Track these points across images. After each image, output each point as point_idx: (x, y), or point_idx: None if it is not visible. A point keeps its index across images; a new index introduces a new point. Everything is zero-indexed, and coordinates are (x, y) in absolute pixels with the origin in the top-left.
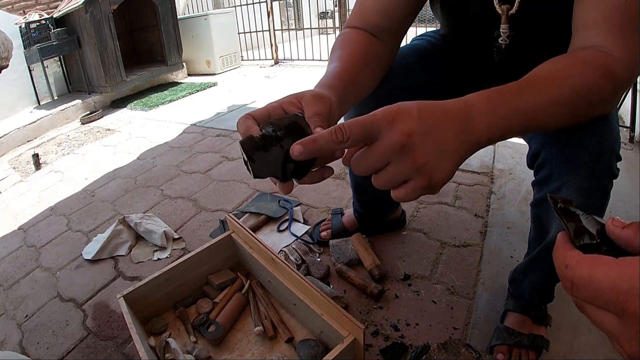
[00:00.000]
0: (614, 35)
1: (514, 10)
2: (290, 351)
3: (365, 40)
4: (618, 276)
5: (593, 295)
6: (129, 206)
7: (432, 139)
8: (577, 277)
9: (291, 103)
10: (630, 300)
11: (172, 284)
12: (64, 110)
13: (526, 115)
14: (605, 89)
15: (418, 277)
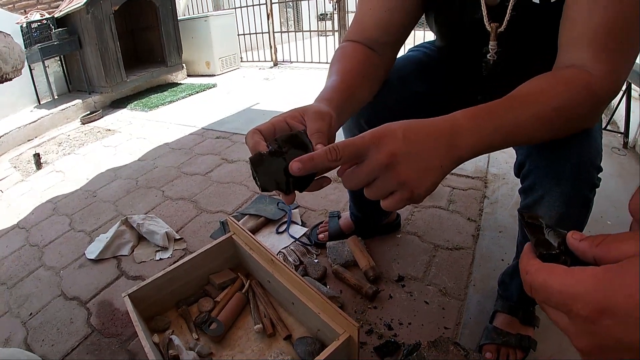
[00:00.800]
0: (596, 55)
1: (502, 28)
2: (288, 348)
3: (363, 54)
4: (567, 282)
5: (547, 298)
6: (131, 207)
7: (415, 158)
8: (535, 282)
9: (294, 117)
10: (575, 303)
11: (175, 283)
12: (65, 110)
13: (509, 132)
14: (586, 107)
15: (411, 279)
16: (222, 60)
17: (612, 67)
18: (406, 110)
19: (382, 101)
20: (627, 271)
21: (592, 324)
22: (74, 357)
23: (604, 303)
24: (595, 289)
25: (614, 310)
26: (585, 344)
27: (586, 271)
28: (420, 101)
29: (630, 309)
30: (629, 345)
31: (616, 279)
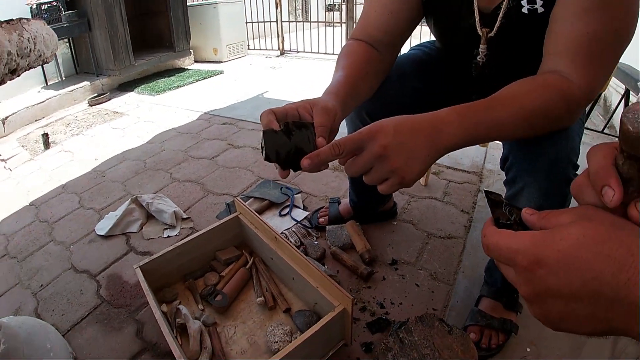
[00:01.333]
0: (576, 63)
1: (492, 33)
2: (287, 320)
3: (366, 52)
4: (512, 241)
5: (498, 255)
6: (139, 187)
7: (404, 148)
8: (489, 243)
9: (304, 108)
10: (517, 256)
11: (183, 257)
12: (72, 92)
13: (489, 128)
14: (562, 109)
15: (404, 263)
16: (230, 47)
17: (588, 76)
18: (405, 105)
19: (383, 96)
20: (557, 232)
21: (530, 272)
22: (84, 325)
23: (539, 255)
24: (533, 245)
25: (546, 261)
26: (526, 291)
27: (527, 233)
28: (418, 97)
29: (558, 261)
30: (559, 293)
31: (548, 238)
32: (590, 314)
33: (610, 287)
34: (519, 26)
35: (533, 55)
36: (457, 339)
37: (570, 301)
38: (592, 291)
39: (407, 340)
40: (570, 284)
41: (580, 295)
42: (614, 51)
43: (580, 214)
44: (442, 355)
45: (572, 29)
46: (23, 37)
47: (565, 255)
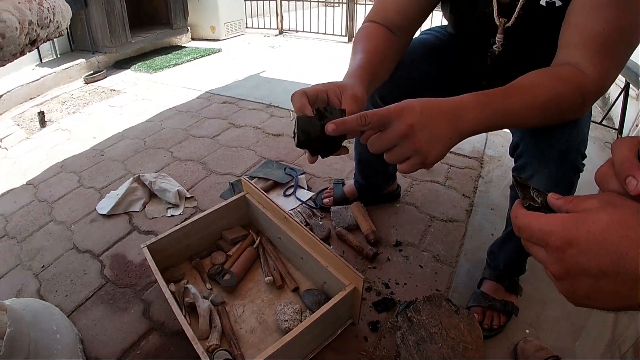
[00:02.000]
0: (590, 57)
1: (510, 23)
2: (296, 299)
3: (385, 35)
4: (544, 223)
5: (530, 235)
6: (140, 166)
7: (428, 129)
8: (521, 223)
9: (334, 92)
10: (550, 237)
11: (190, 237)
12: (68, 69)
13: (505, 115)
14: (575, 101)
15: (408, 244)
16: (228, 26)
17: (602, 70)
18: (415, 89)
19: (395, 79)
20: (588, 216)
21: (562, 252)
22: (89, 306)
23: (570, 236)
24: (564, 227)
25: (577, 242)
26: (557, 270)
27: (558, 216)
28: (429, 81)
29: (590, 241)
30: (588, 271)
31: (580, 221)
32: (615, 291)
33: (635, 267)
34: (536, 18)
35: (549, 47)
36: (463, 319)
37: (598, 279)
38: (619, 270)
39: (416, 319)
40: (600, 264)
41: (607, 273)
42: (627, 46)
43: (606, 200)
44: (449, 334)
45: (588, 23)
46: (43, 6)
47: (595, 237)
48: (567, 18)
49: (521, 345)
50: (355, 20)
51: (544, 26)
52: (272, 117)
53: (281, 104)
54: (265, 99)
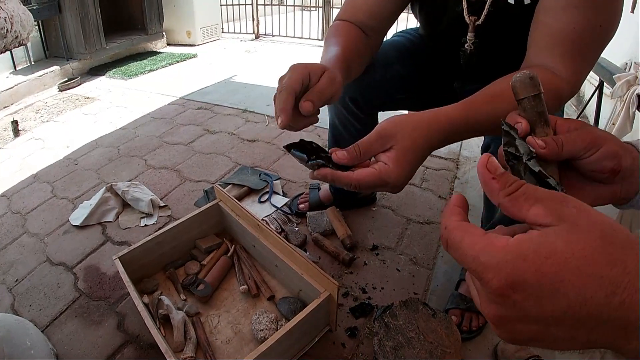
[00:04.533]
0: (562, 58)
1: (480, 21)
2: (272, 307)
3: (357, 32)
4: (480, 250)
5: (461, 260)
6: (114, 175)
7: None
8: (451, 239)
9: (316, 74)
10: (486, 273)
11: (163, 247)
12: (42, 77)
13: (474, 127)
14: (553, 105)
15: (385, 248)
16: (203, 30)
17: (576, 71)
18: (388, 90)
19: (366, 81)
20: (539, 248)
21: (501, 296)
22: (63, 320)
23: (514, 276)
24: (506, 262)
25: (524, 285)
26: (493, 313)
27: (501, 240)
28: (401, 83)
29: (542, 286)
30: (536, 317)
31: (529, 256)
32: (570, 337)
33: (600, 310)
34: (506, 16)
35: (521, 45)
36: (440, 322)
37: (550, 326)
38: (579, 316)
39: (392, 325)
40: (553, 310)
41: (562, 320)
42: (599, 45)
43: (558, 213)
44: (427, 338)
45: (557, 23)
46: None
47: (550, 278)
48: (536, 17)
49: (501, 346)
50: (331, 24)
51: (514, 24)
52: (248, 122)
53: (257, 109)
54: (240, 104)
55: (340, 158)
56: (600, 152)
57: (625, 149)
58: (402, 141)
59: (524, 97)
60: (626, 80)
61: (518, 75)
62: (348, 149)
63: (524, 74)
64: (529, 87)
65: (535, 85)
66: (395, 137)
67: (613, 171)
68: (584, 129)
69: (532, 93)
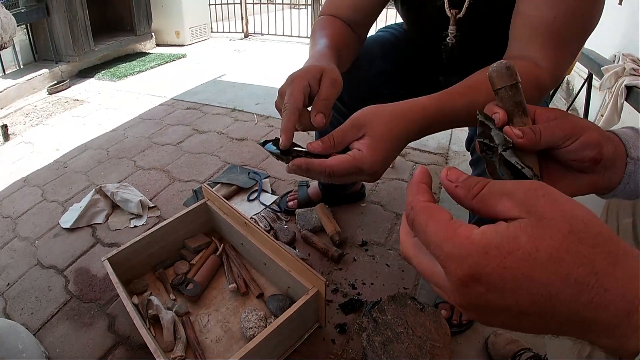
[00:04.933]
0: (543, 48)
1: (461, 14)
2: (261, 305)
3: (343, 25)
4: (444, 239)
5: (424, 243)
6: (103, 177)
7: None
8: (416, 221)
9: (315, 79)
10: (450, 263)
11: (152, 247)
12: (31, 80)
13: (451, 118)
14: (533, 95)
15: (374, 244)
16: (192, 30)
17: (557, 61)
18: (372, 86)
19: (351, 77)
20: (503, 243)
21: (464, 286)
22: (54, 323)
23: (476, 269)
24: (468, 254)
25: (487, 278)
26: (459, 302)
27: (465, 230)
28: (385, 78)
29: (504, 280)
30: (502, 308)
31: (492, 249)
32: (541, 326)
33: (567, 308)
34: (487, 8)
35: (503, 37)
36: (429, 316)
37: (517, 316)
38: (545, 311)
39: (381, 320)
40: (518, 304)
41: (529, 313)
42: (580, 35)
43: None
44: (416, 332)
45: (539, 13)
46: None
47: (513, 272)
48: (517, 8)
49: (492, 339)
50: (317, 18)
51: (496, 16)
52: (237, 121)
53: (245, 108)
54: (229, 104)
55: (314, 147)
56: (580, 141)
57: (607, 138)
58: (376, 129)
59: (501, 87)
60: (614, 72)
61: (495, 65)
62: (322, 139)
63: (500, 63)
64: (505, 76)
65: (512, 74)
66: (369, 124)
67: (594, 160)
68: (563, 118)
69: (508, 83)
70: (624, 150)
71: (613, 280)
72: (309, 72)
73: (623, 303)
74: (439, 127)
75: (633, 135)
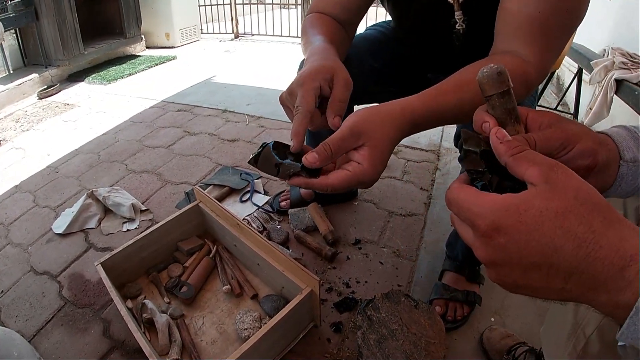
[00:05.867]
0: (530, 44)
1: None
2: (255, 306)
3: (334, 22)
4: (473, 202)
5: (458, 211)
6: (94, 181)
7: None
8: (451, 197)
9: (327, 81)
10: (477, 219)
11: (145, 250)
12: (21, 85)
13: (441, 116)
14: (521, 90)
15: (367, 242)
16: (182, 32)
17: (543, 55)
18: (362, 84)
19: None
20: (521, 202)
21: (489, 238)
22: (49, 329)
23: (499, 223)
24: (492, 211)
25: (506, 230)
26: (483, 255)
27: (490, 196)
28: (374, 76)
29: (520, 230)
30: (517, 261)
31: (512, 207)
32: (547, 283)
33: (568, 261)
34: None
35: None
36: (423, 313)
37: (528, 270)
38: (551, 263)
39: (375, 317)
40: (530, 255)
41: (538, 266)
42: (566, 29)
43: (546, 176)
44: (410, 329)
45: (524, 8)
46: None
47: (527, 226)
48: (502, 4)
49: (487, 334)
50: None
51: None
52: (228, 122)
53: (237, 108)
54: (220, 105)
55: (311, 162)
56: (575, 150)
57: (601, 143)
58: (375, 137)
59: (492, 94)
60: (604, 66)
61: (485, 70)
62: (318, 150)
63: (491, 68)
64: (496, 83)
65: (504, 80)
66: (367, 133)
67: (588, 168)
68: (557, 125)
69: (500, 90)
70: (617, 152)
71: (606, 239)
72: (320, 73)
73: (616, 259)
74: (428, 126)
75: (626, 136)
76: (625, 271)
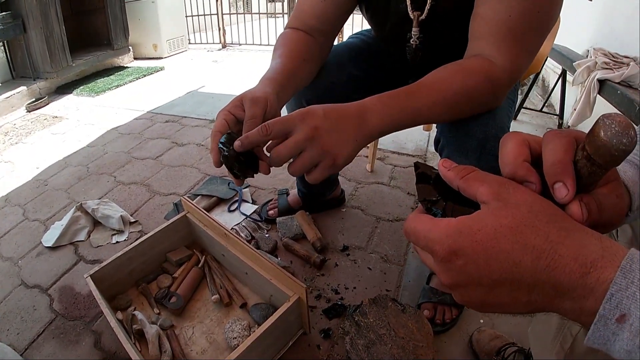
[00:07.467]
0: (497, 45)
1: (423, 16)
2: (245, 315)
3: (303, 40)
4: (429, 229)
5: (416, 241)
6: (84, 193)
7: (334, 131)
8: (408, 227)
9: (237, 107)
10: (434, 245)
11: (134, 262)
12: (9, 98)
13: (412, 114)
14: (485, 92)
15: (355, 248)
16: (170, 43)
17: (512, 57)
18: (343, 92)
19: (321, 83)
20: (474, 223)
21: (448, 262)
22: (41, 342)
23: (454, 246)
24: (447, 235)
25: (464, 252)
26: (446, 279)
27: (444, 221)
28: (356, 84)
29: (477, 251)
30: (479, 281)
31: (465, 229)
32: (512, 298)
33: (529, 273)
34: (448, 9)
35: (465, 37)
36: (411, 317)
37: (492, 288)
38: (513, 278)
39: (363, 323)
40: (491, 273)
41: (501, 282)
42: (537, 32)
43: (497, 193)
44: (398, 333)
45: (494, 12)
46: None
47: (483, 245)
48: (475, 10)
49: (475, 335)
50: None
51: (457, 17)
52: None
53: None
54: (208, 115)
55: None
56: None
57: (621, 184)
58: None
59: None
60: (586, 67)
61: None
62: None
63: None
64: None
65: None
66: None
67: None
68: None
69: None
70: (628, 203)
71: (565, 248)
72: (231, 103)
73: (576, 266)
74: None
75: (637, 181)
76: (587, 278)
